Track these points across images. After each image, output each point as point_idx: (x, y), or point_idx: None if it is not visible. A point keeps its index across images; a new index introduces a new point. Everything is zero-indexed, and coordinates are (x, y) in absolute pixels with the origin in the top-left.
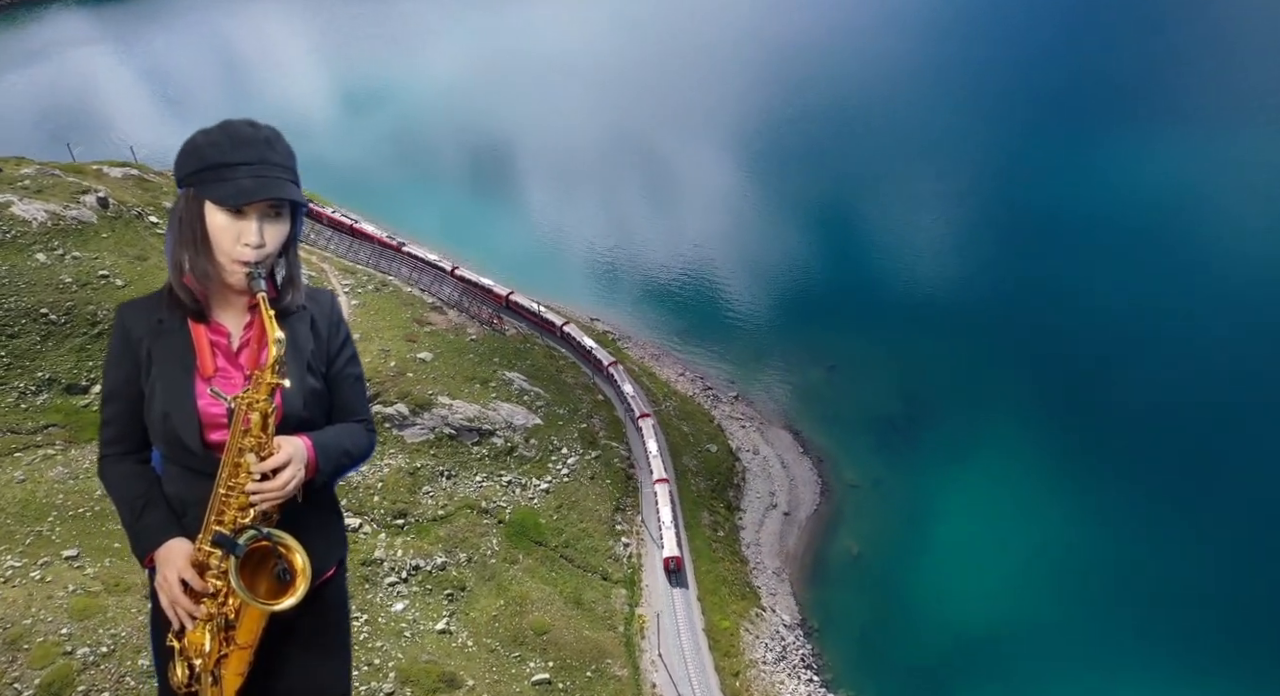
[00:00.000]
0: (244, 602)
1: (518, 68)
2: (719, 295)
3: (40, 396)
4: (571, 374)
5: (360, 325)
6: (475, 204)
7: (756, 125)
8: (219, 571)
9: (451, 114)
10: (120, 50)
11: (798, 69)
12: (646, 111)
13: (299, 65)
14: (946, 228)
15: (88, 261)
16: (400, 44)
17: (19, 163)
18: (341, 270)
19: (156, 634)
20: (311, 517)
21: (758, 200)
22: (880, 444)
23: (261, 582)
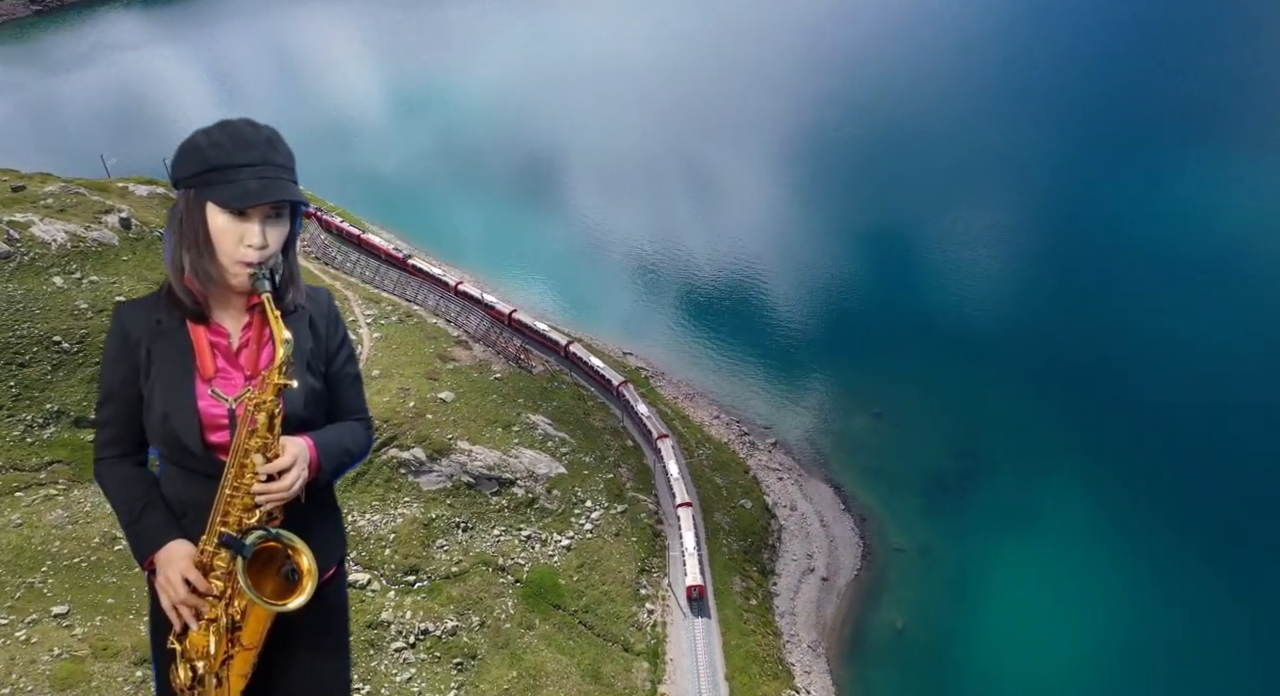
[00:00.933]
0: (250, 603)
1: (558, 78)
2: (759, 330)
3: (47, 430)
4: (600, 416)
5: (380, 361)
6: (508, 219)
7: (802, 145)
8: (224, 572)
9: (489, 124)
10: (162, 56)
11: (848, 86)
12: (688, 129)
13: (339, 73)
14: (1006, 261)
15: (105, 286)
16: (442, 51)
17: (44, 179)
18: (366, 299)
19: (156, 636)
20: (313, 517)
21: (802, 227)
22: (929, 504)
23: (267, 583)
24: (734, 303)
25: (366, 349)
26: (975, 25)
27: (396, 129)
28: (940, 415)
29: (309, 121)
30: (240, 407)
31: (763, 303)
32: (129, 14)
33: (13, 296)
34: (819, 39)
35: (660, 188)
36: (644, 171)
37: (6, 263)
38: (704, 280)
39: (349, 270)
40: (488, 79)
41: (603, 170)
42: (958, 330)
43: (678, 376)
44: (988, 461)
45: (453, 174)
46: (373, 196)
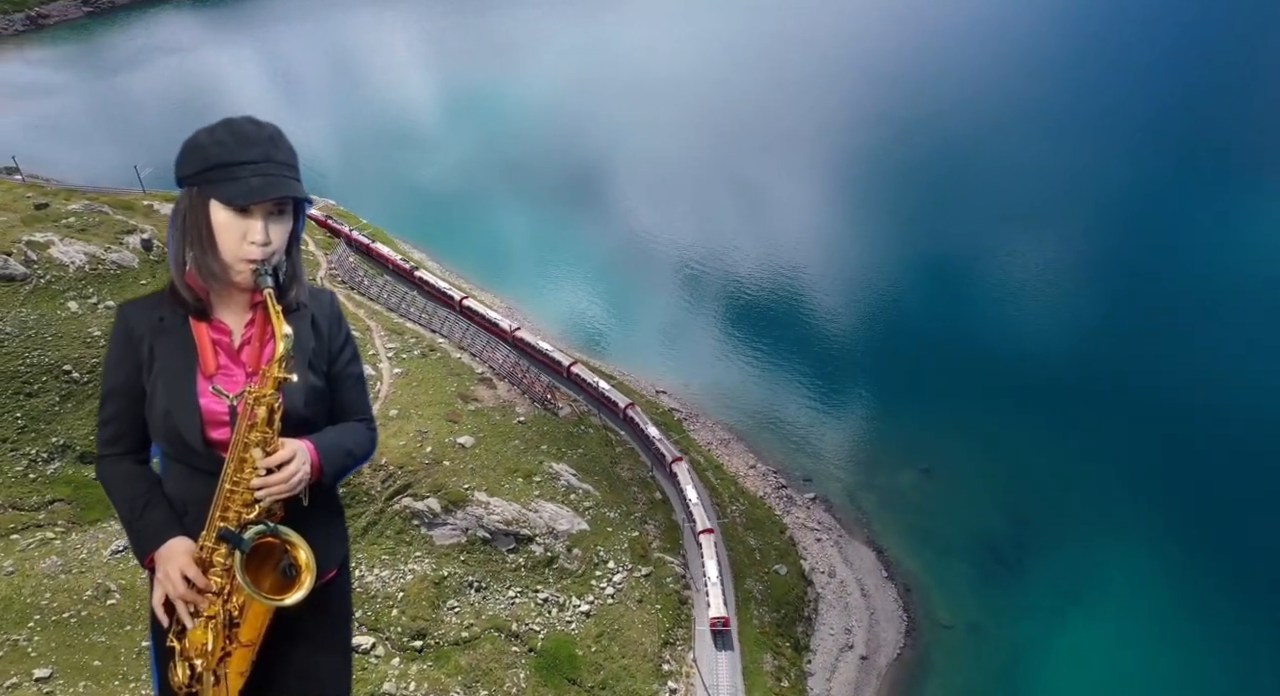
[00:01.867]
0: (248, 599)
1: (603, 89)
2: (801, 371)
3: (51, 465)
4: (628, 464)
5: (399, 399)
6: (544, 240)
7: (852, 166)
8: (223, 568)
9: (529, 136)
10: (206, 61)
11: (901, 103)
12: (735, 146)
13: (381, 81)
14: (1070, 302)
15: None
16: (487, 60)
17: (69, 195)
18: (389, 330)
19: (156, 634)
20: (315, 519)
21: (850, 257)
22: (980, 575)
23: (266, 579)
24: (774, 340)
25: (386, 386)
26: (1042, 46)
27: (436, 140)
28: (995, 473)
29: (349, 130)
30: (241, 404)
31: (805, 341)
32: (178, 16)
33: (25, 322)
34: (874, 53)
35: (703, 210)
36: (687, 191)
37: (22, 285)
38: (744, 313)
39: (374, 295)
40: (531, 89)
41: (644, 189)
42: (1016, 378)
43: (713, 418)
44: (1047, 529)
45: (490, 190)
46: (407, 212)
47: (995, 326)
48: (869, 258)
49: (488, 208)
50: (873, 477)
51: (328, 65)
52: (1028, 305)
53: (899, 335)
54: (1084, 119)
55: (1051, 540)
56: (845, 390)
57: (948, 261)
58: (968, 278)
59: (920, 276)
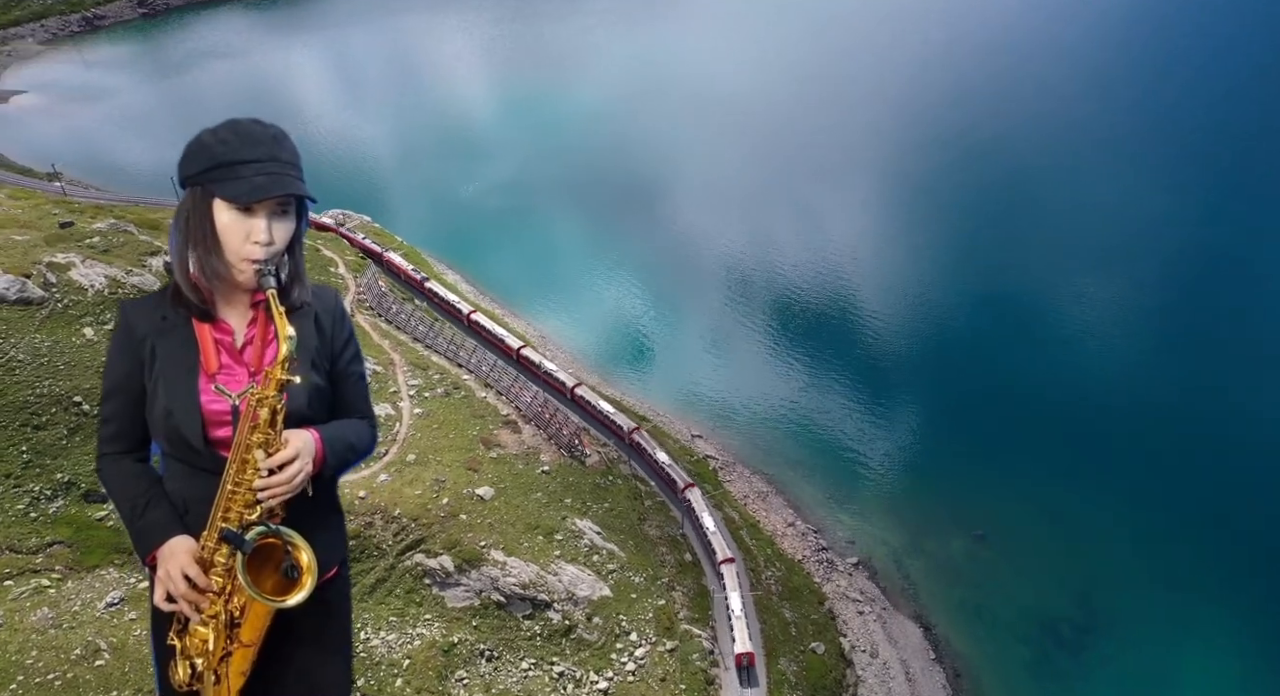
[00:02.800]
0: (249, 600)
1: (654, 102)
2: (847, 419)
3: (54, 503)
4: (658, 520)
5: (418, 443)
6: (585, 262)
7: (908, 193)
8: (224, 569)
9: (576, 151)
10: (255, 66)
11: (965, 125)
12: (787, 167)
13: (429, 90)
14: (1151, 355)
15: None
16: (538, 70)
17: (96, 213)
18: (413, 365)
19: (158, 633)
20: (314, 517)
21: (905, 294)
22: (1038, 660)
23: (267, 579)
24: (820, 383)
25: (405, 428)
26: (1124, 71)
27: (481, 154)
28: (1056, 543)
29: (392, 142)
30: (243, 403)
31: (852, 386)
32: (230, 19)
33: (38, 349)
34: (938, 71)
35: (753, 237)
36: (737, 217)
37: (39, 309)
38: (789, 353)
39: (402, 323)
40: (581, 100)
41: (692, 212)
42: (1084, 436)
43: (751, 468)
44: (1115, 610)
45: (533, 209)
46: (446, 230)
47: (1063, 377)
48: (926, 295)
49: (529, 228)
50: (922, 541)
51: (375, 74)
52: (1100, 354)
53: (955, 383)
54: (1165, 154)
55: (1119, 623)
56: (894, 440)
57: (1013, 301)
58: (1034, 321)
59: (981, 318)
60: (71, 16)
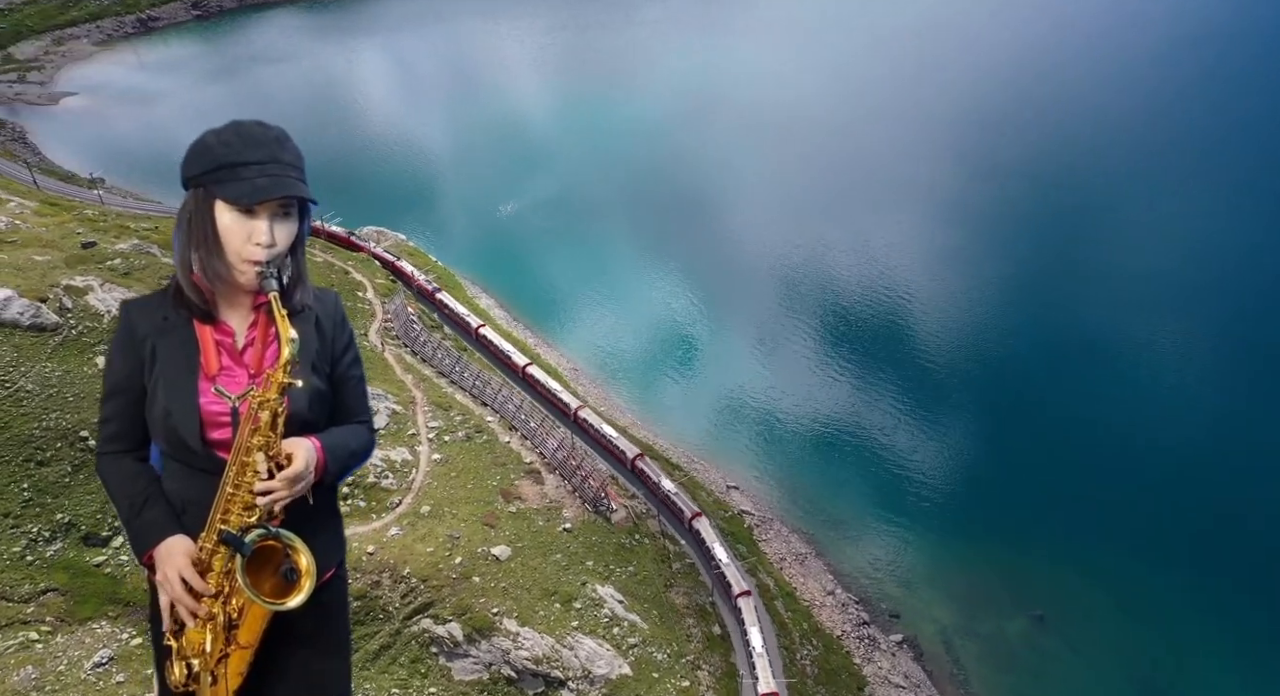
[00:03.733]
0: (248, 602)
1: (709, 116)
2: (897, 476)
3: (53, 546)
4: (685, 586)
5: (434, 493)
6: (623, 293)
7: (977, 226)
8: (222, 571)
9: (628, 166)
10: (304, 71)
11: (1035, 154)
12: (849, 190)
13: (479, 101)
14: (1244, 419)
15: None
16: (593, 80)
17: (120, 232)
18: (435, 404)
19: (156, 632)
20: (313, 520)
21: (967, 336)
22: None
23: (265, 582)
24: (868, 433)
25: (421, 475)
26: (1189, 93)
27: (527, 169)
28: (1127, 630)
29: (434, 154)
30: (244, 405)
31: (903, 440)
32: (283, 21)
33: (48, 378)
34: (1000, 91)
35: (800, 266)
36: (787, 241)
37: (53, 336)
38: (836, 400)
39: (428, 355)
40: (634, 113)
41: (739, 236)
42: (1160, 505)
43: (790, 526)
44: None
45: (576, 229)
46: (482, 250)
47: (1141, 435)
48: (986, 334)
49: (567, 251)
50: (974, 620)
51: (421, 83)
52: (1180, 410)
53: (1017, 440)
54: (1236, 178)
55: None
56: (948, 501)
57: (1082, 345)
58: (1106, 369)
59: (1047, 365)
60: (126, 18)
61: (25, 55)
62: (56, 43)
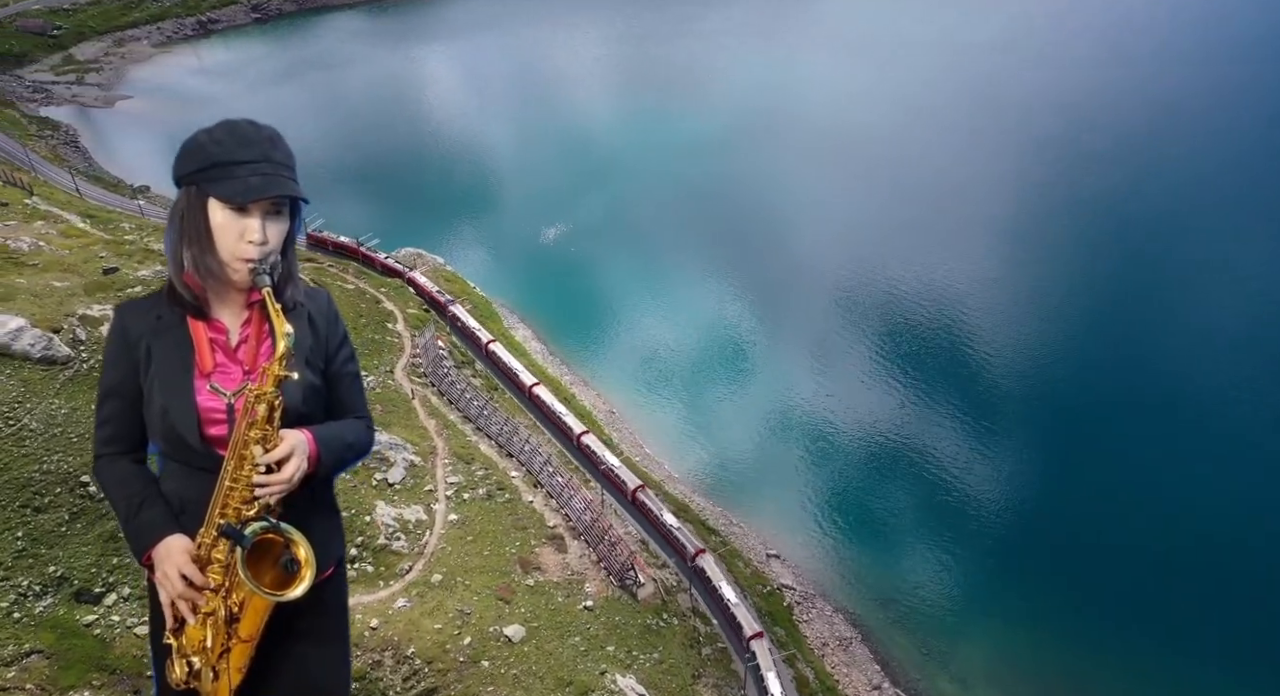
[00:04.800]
0: (248, 595)
1: (779, 133)
2: (956, 552)
3: (42, 601)
4: (715, 674)
5: (448, 559)
6: (672, 319)
7: (1058, 266)
8: (222, 565)
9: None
10: (354, 77)
11: (1102, 179)
12: (914, 224)
13: (538, 112)
14: None
15: None
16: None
17: (145, 257)
18: (456, 456)
19: (155, 632)
20: (312, 516)
21: (1046, 392)
22: None
23: (265, 574)
24: (928, 505)
25: (434, 538)
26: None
27: (574, 188)
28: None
29: (484, 171)
30: (239, 401)
31: (964, 507)
32: (341, 24)
33: (53, 416)
34: (1098, 121)
35: (869, 307)
36: (855, 274)
37: (63, 370)
38: (895, 463)
39: (455, 396)
40: (688, 130)
41: (800, 268)
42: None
43: (833, 605)
44: None
45: (620, 258)
46: (522, 278)
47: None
48: (1071, 391)
49: (614, 281)
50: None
51: (474, 94)
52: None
53: (1101, 519)
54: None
55: None
56: (1019, 588)
57: (1178, 398)
58: (1207, 427)
59: (1138, 416)
60: (186, 20)
61: (86, 56)
62: (117, 44)
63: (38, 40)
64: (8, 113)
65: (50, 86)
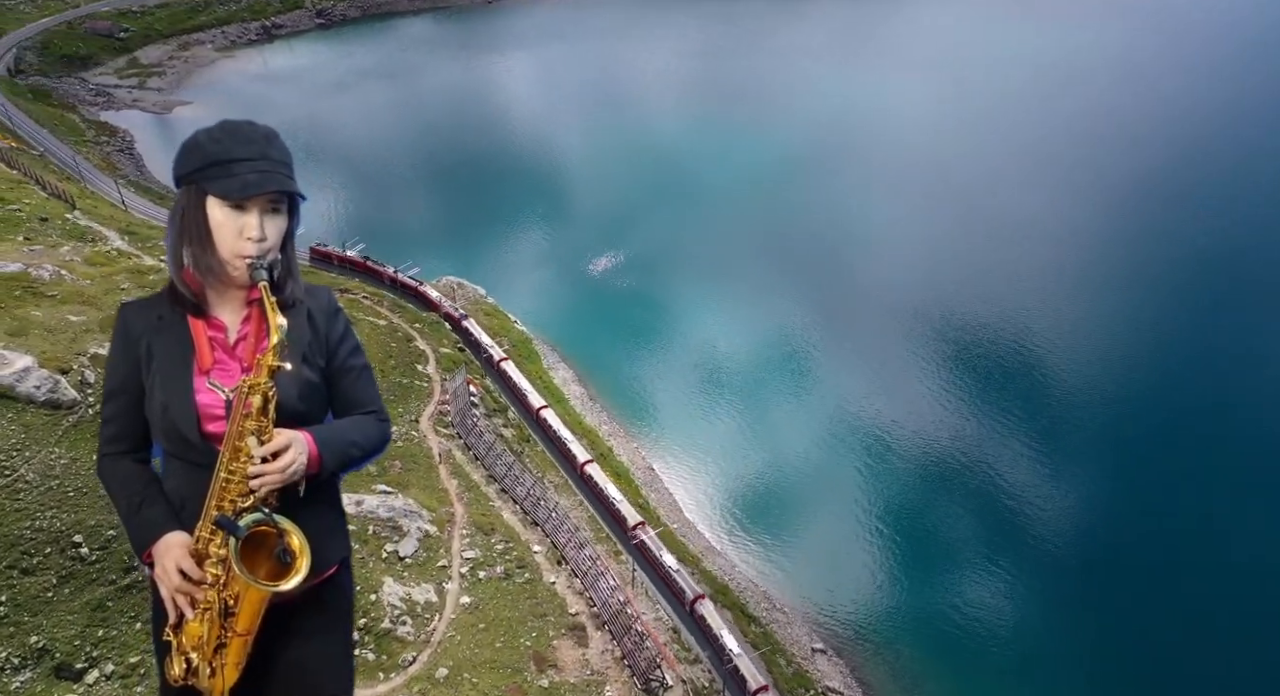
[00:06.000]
0: (244, 588)
1: (845, 163)
2: (1033, 658)
3: (20, 676)
4: None
5: (455, 650)
6: (729, 368)
7: (1173, 336)
8: (218, 559)
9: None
10: (409, 87)
11: (1238, 232)
12: (1001, 268)
13: (591, 130)
14: None
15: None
16: (734, 107)
17: None
18: (475, 526)
19: (157, 629)
20: (316, 515)
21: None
22: None
23: (260, 567)
24: (997, 600)
25: (444, 623)
26: None
27: (636, 216)
28: None
29: (532, 191)
30: (236, 395)
31: (1044, 604)
32: (404, 31)
33: (51, 468)
34: (1207, 155)
35: (955, 370)
36: (938, 335)
37: (67, 415)
38: (964, 552)
39: (481, 453)
40: (762, 155)
41: (883, 313)
42: None
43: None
44: None
45: (679, 294)
46: (569, 315)
47: None
48: (1163, 444)
49: (671, 319)
50: None
51: (534, 109)
52: None
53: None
54: None
55: None
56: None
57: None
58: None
59: (1228, 473)
60: (251, 24)
61: (150, 60)
62: (181, 48)
63: (105, 42)
64: (68, 117)
65: (112, 90)
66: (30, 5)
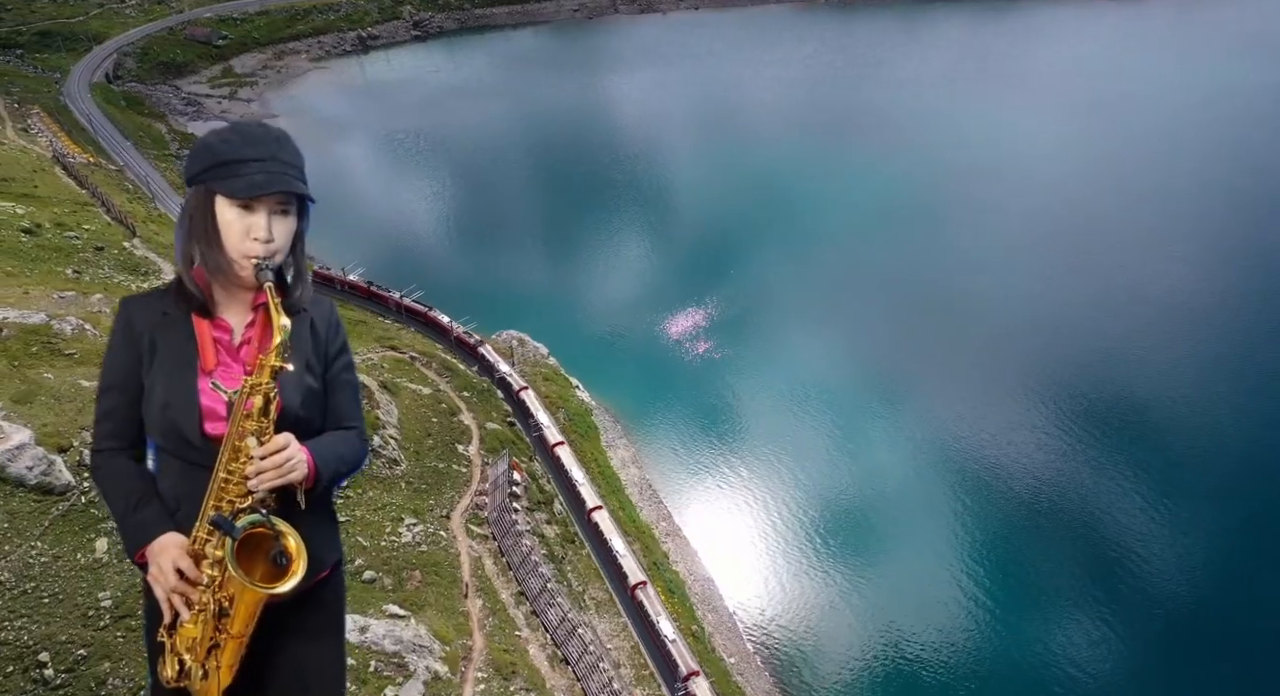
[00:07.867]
0: (239, 590)
1: (964, 209)
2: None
3: None
4: None
5: None
6: (807, 448)
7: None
8: (214, 560)
9: (838, 266)
10: (496, 110)
11: None
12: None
13: (685, 161)
14: None
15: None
16: (819, 149)
17: None
18: (494, 666)
19: (150, 630)
20: (310, 521)
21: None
22: None
23: (256, 569)
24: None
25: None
26: None
27: (720, 262)
28: None
29: (612, 229)
30: (238, 396)
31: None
32: (498, 47)
33: (29, 567)
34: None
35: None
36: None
37: (57, 503)
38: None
39: (515, 562)
40: (873, 197)
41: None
42: None
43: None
44: None
45: (760, 361)
46: (639, 384)
47: None
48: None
49: (770, 399)
50: None
51: (624, 137)
52: None
53: None
54: None
55: None
56: None
57: None
58: None
59: None
60: (348, 34)
61: (244, 69)
62: (276, 57)
63: (202, 50)
64: (154, 127)
65: (203, 99)
66: (137, 10)
